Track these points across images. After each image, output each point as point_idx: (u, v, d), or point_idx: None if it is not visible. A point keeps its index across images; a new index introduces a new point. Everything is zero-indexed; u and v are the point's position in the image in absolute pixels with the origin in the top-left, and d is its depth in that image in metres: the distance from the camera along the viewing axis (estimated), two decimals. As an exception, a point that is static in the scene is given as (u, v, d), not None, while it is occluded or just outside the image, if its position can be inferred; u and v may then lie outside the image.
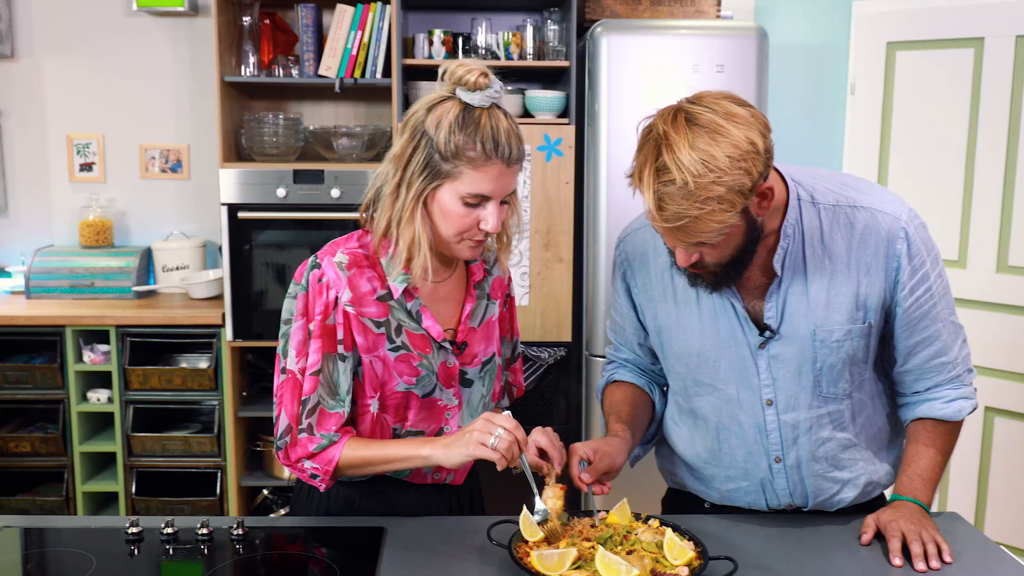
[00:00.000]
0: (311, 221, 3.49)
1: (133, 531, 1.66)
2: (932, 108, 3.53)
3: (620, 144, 3.35)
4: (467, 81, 1.57)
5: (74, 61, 3.88)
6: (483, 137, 1.55)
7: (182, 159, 3.95)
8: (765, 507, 1.80)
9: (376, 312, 1.67)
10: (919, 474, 1.71)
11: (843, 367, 1.69)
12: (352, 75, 3.50)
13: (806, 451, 1.73)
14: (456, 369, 1.75)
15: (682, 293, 1.74)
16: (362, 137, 3.63)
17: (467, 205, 1.59)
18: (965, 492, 3.56)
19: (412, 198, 1.60)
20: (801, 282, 1.66)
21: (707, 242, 1.51)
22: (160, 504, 3.52)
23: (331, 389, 1.66)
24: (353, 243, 1.70)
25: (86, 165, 3.93)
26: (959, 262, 3.47)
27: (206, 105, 3.82)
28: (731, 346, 1.71)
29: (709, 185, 1.43)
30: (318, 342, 1.65)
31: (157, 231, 3.96)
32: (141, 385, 3.49)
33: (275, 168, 3.46)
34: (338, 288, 1.65)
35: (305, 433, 1.66)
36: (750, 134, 1.45)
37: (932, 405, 1.74)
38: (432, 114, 1.58)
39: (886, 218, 1.64)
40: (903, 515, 1.65)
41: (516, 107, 3.56)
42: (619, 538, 1.59)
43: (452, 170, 1.57)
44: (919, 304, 1.68)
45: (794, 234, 1.64)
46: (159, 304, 3.67)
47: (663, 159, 1.45)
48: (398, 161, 1.61)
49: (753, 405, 1.73)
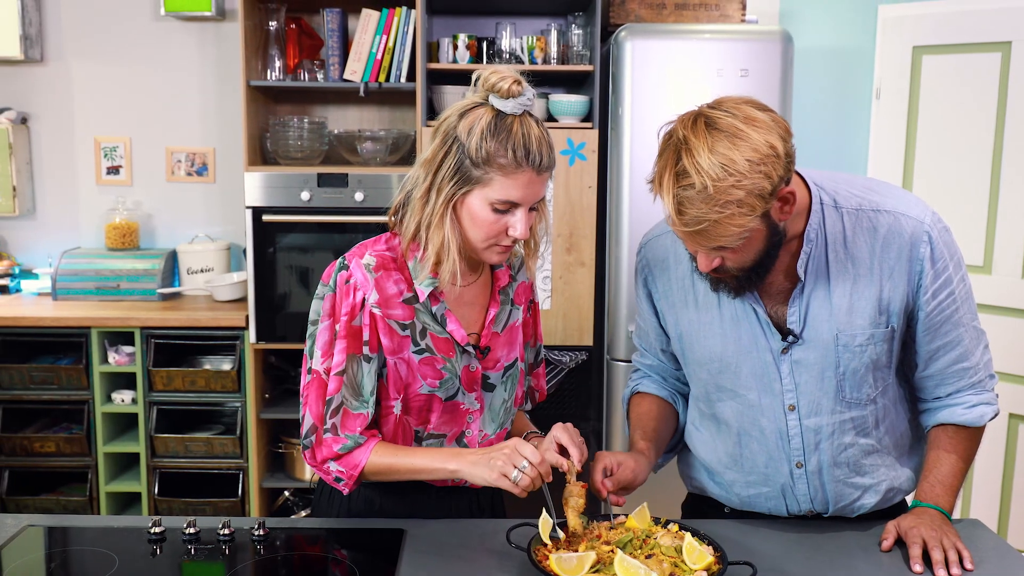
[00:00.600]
0: (335, 224, 3.51)
1: (156, 531, 1.67)
2: (958, 113, 3.51)
3: (643, 148, 3.34)
4: (500, 88, 1.57)
5: (102, 65, 3.93)
6: (514, 144, 1.56)
7: (208, 162, 3.98)
8: (785, 513, 1.79)
9: (402, 314, 1.68)
10: (940, 480, 1.70)
11: (866, 372, 1.68)
12: (377, 79, 3.52)
13: (828, 456, 1.73)
14: (479, 373, 1.76)
15: (703, 299, 1.74)
16: (386, 141, 3.65)
17: (496, 211, 1.60)
18: (988, 499, 3.52)
19: (442, 203, 1.61)
20: (824, 287, 1.65)
21: (727, 246, 1.51)
22: (182, 505, 3.54)
23: (355, 390, 1.67)
24: (381, 245, 1.71)
25: (113, 168, 3.98)
26: (984, 268, 3.45)
27: (232, 109, 3.86)
28: (753, 351, 1.71)
29: (729, 189, 1.43)
30: (343, 343, 1.66)
31: (182, 234, 4.00)
32: (165, 386, 3.53)
33: (300, 171, 3.48)
34: (365, 290, 1.66)
35: (330, 433, 1.67)
36: (770, 138, 1.46)
37: (954, 411, 1.73)
38: (464, 120, 1.59)
39: (909, 222, 1.64)
40: (924, 521, 1.64)
41: (540, 111, 3.57)
42: (638, 542, 1.59)
43: (483, 176, 1.57)
44: (941, 308, 1.67)
45: (817, 238, 1.64)
46: (183, 306, 3.70)
47: (683, 163, 1.45)
48: (429, 165, 1.62)
49: (775, 410, 1.72)
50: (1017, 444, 3.43)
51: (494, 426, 1.81)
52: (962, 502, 3.59)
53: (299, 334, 3.53)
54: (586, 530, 1.64)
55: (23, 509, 3.50)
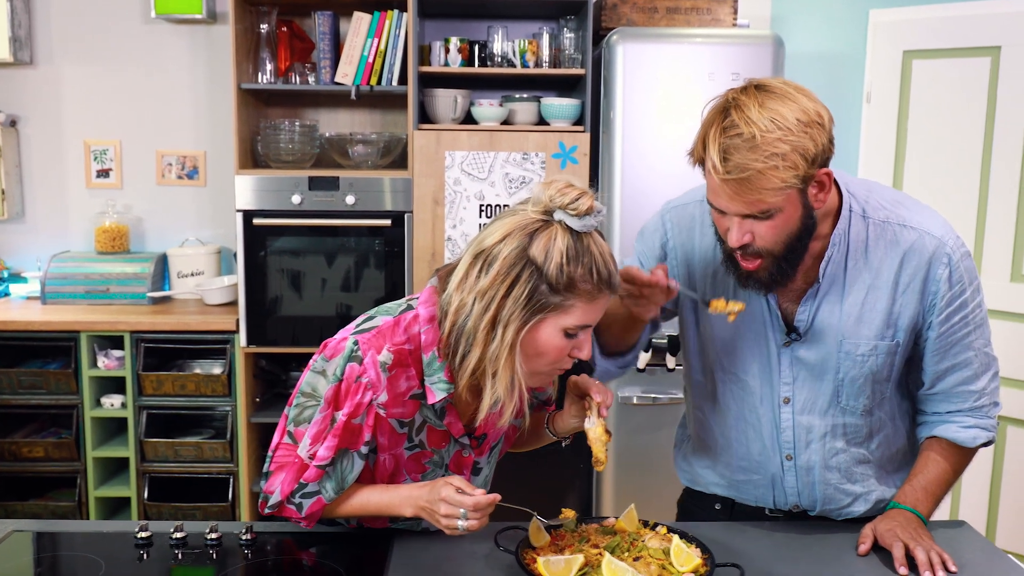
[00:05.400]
0: (326, 228, 3.51)
1: (143, 535, 1.67)
2: (948, 117, 3.52)
3: (634, 151, 3.35)
4: (577, 208, 1.45)
5: (92, 68, 3.93)
6: (597, 267, 1.46)
7: (198, 166, 3.98)
8: (772, 504, 1.81)
9: (404, 412, 1.59)
10: (924, 486, 1.72)
11: (865, 382, 1.70)
12: (368, 82, 3.53)
13: (819, 456, 1.74)
14: (471, 460, 1.71)
15: (721, 278, 1.73)
16: (377, 144, 3.65)
17: (567, 336, 1.50)
18: (977, 501, 3.54)
19: (511, 336, 1.47)
20: (838, 292, 1.67)
21: (766, 206, 1.50)
22: (172, 510, 3.54)
23: (338, 483, 1.60)
24: (400, 336, 1.56)
25: (103, 171, 3.97)
26: (976, 272, 3.46)
27: (223, 112, 3.86)
28: (757, 339, 1.73)
29: (775, 141, 1.45)
30: (335, 440, 1.56)
31: (173, 237, 4.00)
32: (155, 391, 3.52)
33: (291, 175, 3.48)
34: (376, 391, 1.55)
35: (293, 507, 1.63)
36: (819, 108, 1.50)
37: (948, 427, 1.74)
38: (537, 242, 1.45)
39: (932, 241, 1.65)
40: (899, 524, 1.65)
41: (532, 115, 3.58)
42: (626, 545, 1.59)
43: (562, 303, 1.46)
44: (953, 330, 1.68)
45: (840, 244, 1.65)
46: (174, 310, 3.70)
47: (731, 118, 1.49)
48: (488, 294, 1.47)
49: (772, 400, 1.74)
50: (1006, 447, 3.44)
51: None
52: (951, 504, 3.60)
53: (289, 338, 3.53)
54: (574, 533, 1.64)
55: (11, 514, 3.49)
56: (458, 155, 3.46)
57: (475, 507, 1.50)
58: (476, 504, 1.50)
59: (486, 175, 3.47)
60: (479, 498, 1.50)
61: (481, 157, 3.47)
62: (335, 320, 3.51)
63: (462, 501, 1.50)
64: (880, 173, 3.75)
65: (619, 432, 3.46)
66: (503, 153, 3.46)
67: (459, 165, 3.46)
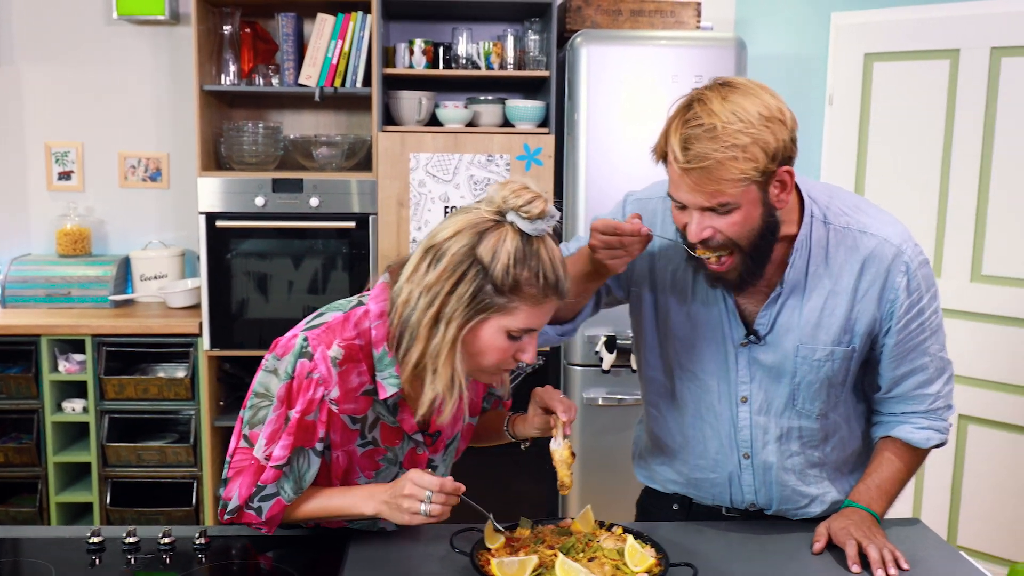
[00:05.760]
0: (290, 230, 3.49)
1: (94, 541, 1.65)
2: (908, 118, 3.55)
3: (599, 153, 3.36)
4: (529, 211, 1.44)
5: (53, 69, 3.88)
6: (544, 272, 1.46)
7: (162, 168, 3.95)
8: (729, 503, 1.82)
9: (356, 408, 1.59)
10: (878, 484, 1.73)
11: (821, 387, 1.71)
12: (332, 84, 3.51)
13: (775, 457, 1.76)
14: (424, 458, 1.70)
15: (680, 274, 1.74)
16: (342, 146, 3.64)
17: (511, 338, 1.49)
18: (938, 499, 3.57)
19: (453, 333, 1.47)
20: (798, 297, 1.68)
21: (725, 198, 1.50)
22: (135, 515, 3.50)
23: (296, 483, 1.58)
24: (350, 331, 1.56)
25: (65, 174, 3.93)
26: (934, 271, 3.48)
27: (187, 114, 3.82)
28: (715, 337, 1.73)
29: (736, 133, 1.47)
30: (290, 439, 1.55)
31: (136, 240, 3.96)
32: (117, 395, 3.49)
33: (254, 177, 3.46)
34: (327, 387, 1.54)
35: (252, 512, 1.61)
36: (781, 105, 1.52)
37: (903, 428, 1.76)
38: (485, 241, 1.45)
39: (891, 248, 1.66)
40: (853, 522, 1.66)
41: (497, 116, 3.58)
42: (581, 545, 1.59)
43: (506, 305, 1.46)
44: (910, 336, 1.70)
45: (802, 249, 1.66)
46: (136, 313, 3.66)
47: (694, 110, 1.51)
48: (433, 290, 1.47)
49: (729, 399, 1.75)
50: (967, 445, 3.48)
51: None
52: (913, 502, 3.63)
53: (254, 341, 3.50)
54: (531, 533, 1.64)
55: (-29, 520, 3.45)
56: (423, 157, 3.45)
57: (440, 488, 1.48)
58: (442, 486, 1.49)
59: (451, 177, 3.46)
60: (445, 480, 1.49)
61: (446, 159, 3.46)
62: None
63: (429, 482, 1.49)
64: (842, 174, 3.78)
65: (584, 433, 3.47)
66: (468, 155, 3.46)
67: (424, 167, 3.45)
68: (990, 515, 3.45)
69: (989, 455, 3.44)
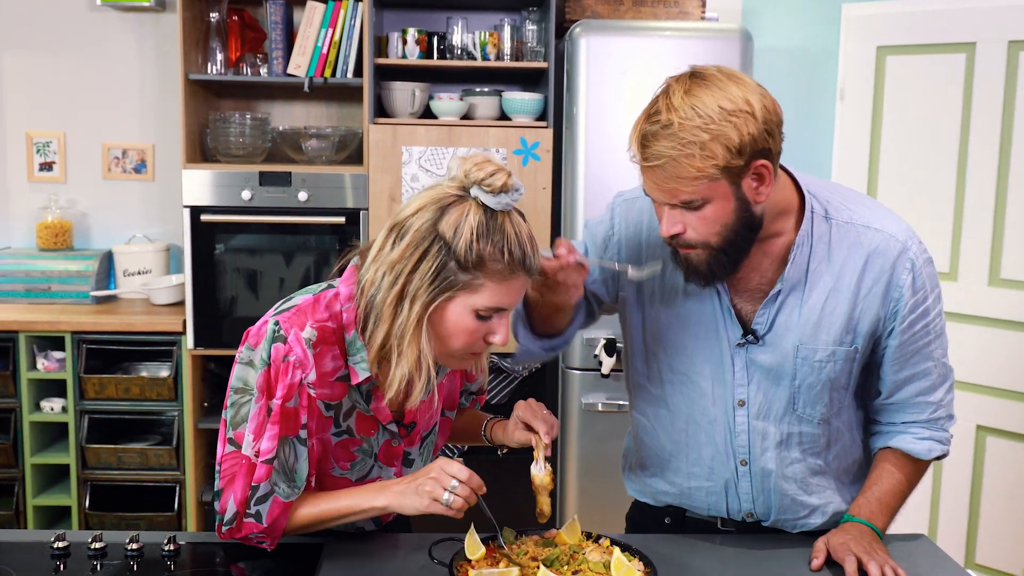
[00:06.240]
0: (277, 225, 3.47)
1: (59, 546, 1.63)
2: (923, 114, 3.52)
3: (599, 148, 3.33)
4: (491, 184, 1.44)
5: (35, 56, 3.87)
6: (510, 246, 1.45)
7: (146, 159, 3.93)
8: (725, 512, 1.79)
9: (331, 393, 1.58)
10: (878, 497, 1.71)
11: (823, 389, 1.69)
12: (322, 74, 3.49)
13: (774, 464, 1.73)
14: (400, 450, 1.69)
15: (670, 275, 1.73)
16: (332, 138, 3.62)
17: (479, 318, 1.49)
18: (956, 514, 3.53)
19: (417, 312, 1.47)
20: (798, 295, 1.66)
21: (685, 196, 1.50)
22: (115, 519, 3.48)
23: (288, 476, 1.56)
24: (322, 312, 1.56)
25: (46, 164, 3.92)
26: (950, 274, 3.46)
27: (172, 104, 3.79)
28: (709, 338, 1.71)
29: (693, 129, 1.46)
30: (275, 428, 1.53)
31: (119, 234, 3.95)
32: (97, 394, 3.47)
33: (241, 169, 3.44)
34: (305, 369, 1.53)
35: (252, 519, 1.57)
36: (749, 96, 1.49)
37: (904, 438, 1.74)
38: (447, 217, 1.45)
39: (896, 244, 1.65)
40: (853, 537, 1.63)
41: (493, 109, 3.56)
42: (566, 558, 1.57)
43: (471, 282, 1.46)
44: (915, 338, 1.68)
45: (803, 245, 1.64)
46: (119, 310, 3.64)
47: (657, 105, 1.51)
48: (397, 268, 1.47)
49: (725, 402, 1.72)
50: (985, 458, 3.44)
51: None
52: (929, 518, 3.60)
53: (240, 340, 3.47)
54: (512, 544, 1.62)
55: (-56, 524, 3.43)
56: (416, 150, 3.43)
57: (468, 480, 1.49)
58: (470, 478, 1.49)
59: (445, 172, 3.44)
60: (474, 474, 1.50)
61: (440, 153, 3.44)
62: (287, 321, 3.47)
63: (458, 471, 1.49)
64: (854, 172, 3.75)
65: (583, 439, 3.44)
66: (463, 149, 3.44)
67: (417, 161, 3.43)
68: (1010, 531, 3.41)
69: (1008, 468, 3.39)
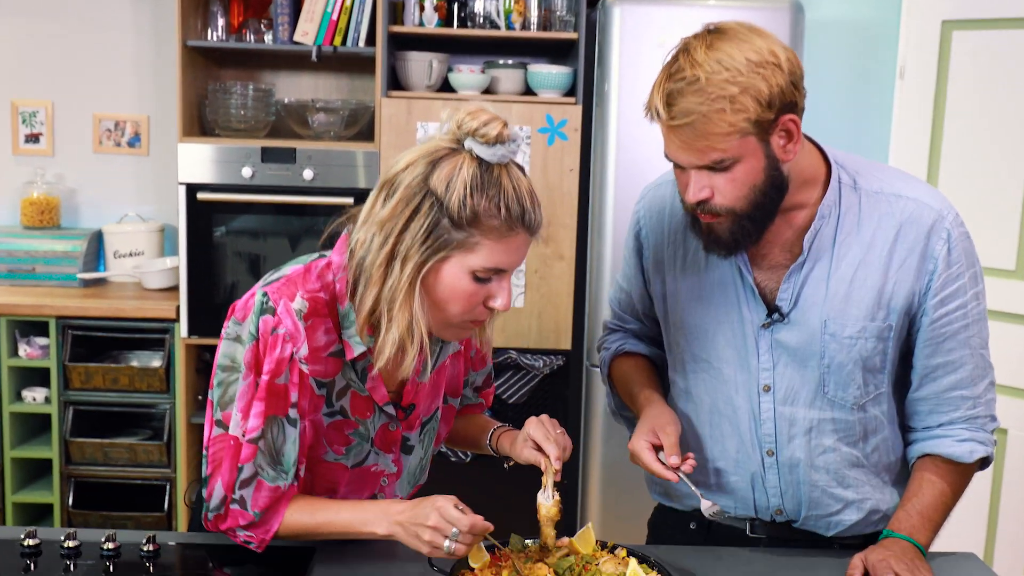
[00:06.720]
0: (281, 205, 3.49)
1: (30, 543, 1.65)
2: (992, 96, 3.48)
3: (632, 128, 3.32)
4: (486, 134, 1.45)
5: (21, 20, 3.91)
6: (507, 201, 1.46)
7: (140, 132, 3.96)
8: (753, 511, 1.79)
9: (324, 370, 1.58)
10: (920, 511, 1.69)
11: (854, 369, 1.69)
12: (331, 43, 3.51)
13: (803, 453, 1.73)
14: (398, 434, 1.70)
15: (691, 257, 1.77)
16: (341, 112, 3.63)
17: (477, 280, 1.50)
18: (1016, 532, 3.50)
19: (409, 274, 1.48)
20: (824, 267, 1.68)
21: (717, 154, 1.52)
22: (100, 519, 3.53)
23: (273, 458, 1.56)
24: (313, 282, 1.57)
25: (32, 136, 3.96)
26: (1016, 272, 3.42)
27: (169, 73, 3.82)
28: (732, 321, 1.73)
29: (722, 83, 1.48)
30: (261, 404, 1.54)
31: (110, 212, 3.98)
32: (83, 384, 3.51)
33: (241, 145, 3.47)
34: (296, 343, 1.53)
35: (237, 505, 1.58)
36: (773, 47, 1.52)
37: (942, 442, 1.72)
38: (439, 170, 1.46)
39: (930, 213, 1.66)
40: (894, 554, 1.62)
41: (517, 83, 3.56)
42: (578, 568, 1.57)
43: (467, 240, 1.46)
44: (949, 320, 1.68)
45: (829, 216, 1.66)
46: (108, 294, 3.68)
47: (679, 63, 1.52)
48: (388, 226, 1.47)
49: (749, 389, 1.74)
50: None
51: (409, 487, 1.79)
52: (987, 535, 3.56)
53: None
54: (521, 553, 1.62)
55: (-82, 520, 3.48)
56: (432, 127, 3.44)
57: (471, 529, 1.47)
58: (472, 526, 1.47)
59: (462, 150, 3.44)
60: (477, 519, 1.48)
61: (457, 129, 3.44)
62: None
63: (459, 519, 1.47)
64: (914, 157, 3.72)
65: (607, 441, 3.44)
66: (482, 125, 3.43)
67: (432, 138, 3.43)
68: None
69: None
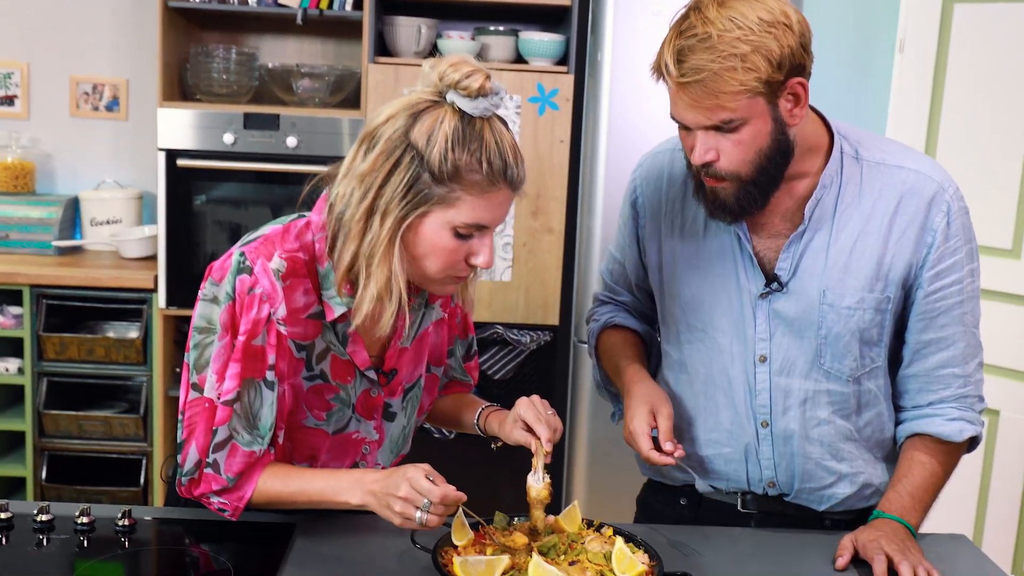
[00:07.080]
0: (263, 173, 3.48)
1: (2, 517, 1.64)
2: (992, 70, 3.48)
3: (626, 99, 3.31)
4: (468, 86, 1.45)
5: (-3, -23, 3.87)
6: (489, 155, 1.47)
7: (119, 96, 3.94)
8: (745, 483, 1.81)
9: (302, 332, 1.59)
10: (910, 491, 1.71)
11: (851, 340, 1.71)
12: (317, 6, 3.49)
13: (798, 425, 1.76)
14: (380, 400, 1.71)
15: (689, 226, 1.79)
16: (327, 78, 3.61)
17: (458, 236, 1.51)
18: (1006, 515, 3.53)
19: (389, 229, 1.48)
20: (824, 237, 1.70)
21: (726, 113, 1.54)
22: (74, 493, 3.52)
23: (249, 421, 1.57)
24: (292, 242, 1.58)
25: (7, 98, 3.93)
26: (1013, 252, 3.43)
27: (149, 34, 3.79)
28: (729, 290, 1.76)
29: (734, 41, 1.51)
30: (237, 366, 1.54)
31: (87, 178, 3.96)
32: (57, 355, 3.50)
33: (223, 110, 3.45)
34: (274, 303, 1.54)
35: (211, 470, 1.59)
36: (786, 8, 1.56)
37: (932, 420, 1.75)
38: (420, 123, 1.46)
39: (932, 185, 1.69)
40: (884, 534, 1.64)
41: (508, 51, 3.54)
42: (563, 547, 1.57)
43: (447, 195, 1.47)
44: (943, 295, 1.71)
45: (831, 185, 1.69)
46: (84, 262, 3.66)
47: (689, 20, 1.55)
48: (367, 180, 1.48)
49: (745, 359, 1.76)
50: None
51: (391, 456, 1.79)
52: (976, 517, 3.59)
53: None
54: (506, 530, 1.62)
55: None
56: (419, 94, 3.41)
57: (442, 499, 1.46)
58: (444, 496, 1.46)
59: (451, 118, 3.43)
60: (449, 490, 1.47)
61: (446, 97, 3.42)
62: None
63: (430, 490, 1.46)
64: (912, 132, 3.72)
65: (594, 421, 3.45)
66: (471, 93, 3.42)
67: (419, 106, 3.42)
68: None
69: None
